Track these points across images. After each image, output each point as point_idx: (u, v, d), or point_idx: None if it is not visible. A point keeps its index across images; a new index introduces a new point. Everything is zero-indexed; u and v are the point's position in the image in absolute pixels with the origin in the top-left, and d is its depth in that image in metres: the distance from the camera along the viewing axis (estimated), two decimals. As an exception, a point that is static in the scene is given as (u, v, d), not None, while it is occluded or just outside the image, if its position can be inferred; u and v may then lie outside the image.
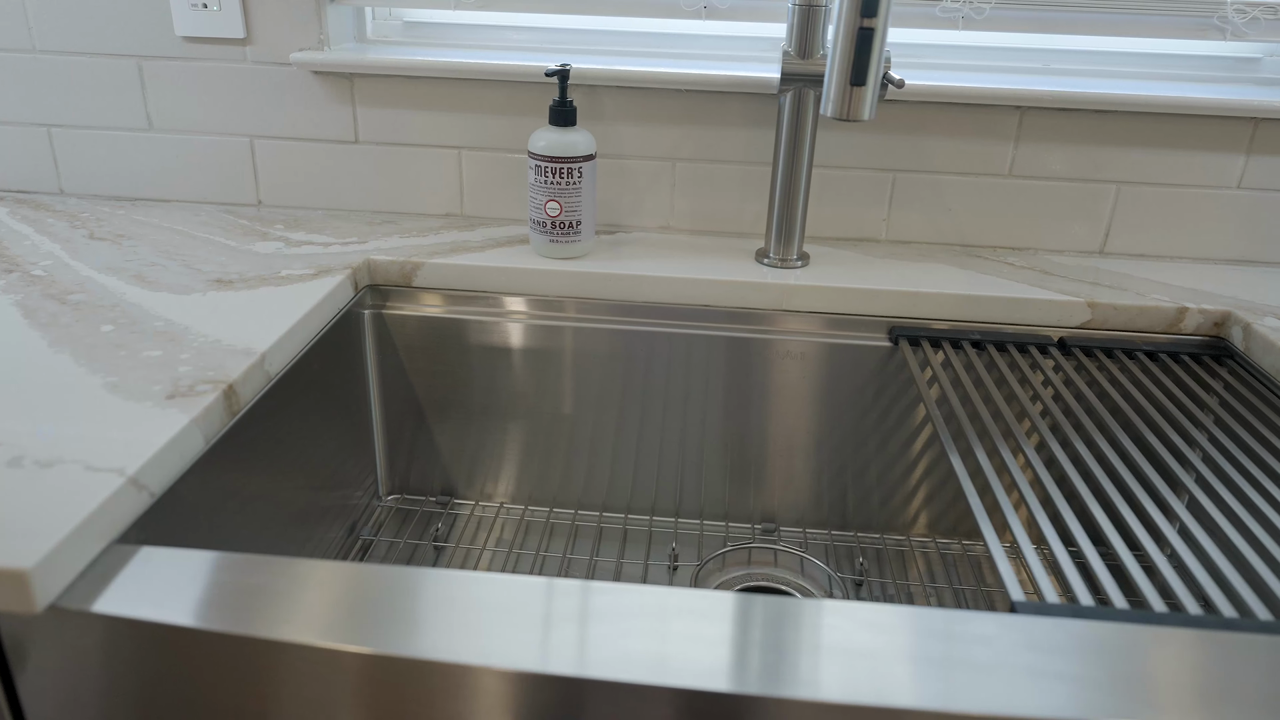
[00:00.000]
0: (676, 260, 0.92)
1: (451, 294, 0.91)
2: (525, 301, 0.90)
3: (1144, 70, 0.98)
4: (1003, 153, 0.95)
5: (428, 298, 0.91)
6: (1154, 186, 0.96)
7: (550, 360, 0.92)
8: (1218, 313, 0.85)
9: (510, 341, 0.91)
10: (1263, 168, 0.94)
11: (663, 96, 0.95)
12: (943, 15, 0.90)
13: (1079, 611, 0.49)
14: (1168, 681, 0.44)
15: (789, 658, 0.44)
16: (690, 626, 0.46)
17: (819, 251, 0.97)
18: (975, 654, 0.45)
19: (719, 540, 0.96)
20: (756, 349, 0.90)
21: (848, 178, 0.98)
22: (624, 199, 1.00)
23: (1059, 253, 0.99)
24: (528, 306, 0.90)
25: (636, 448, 0.95)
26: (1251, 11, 0.88)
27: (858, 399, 0.91)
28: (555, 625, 0.46)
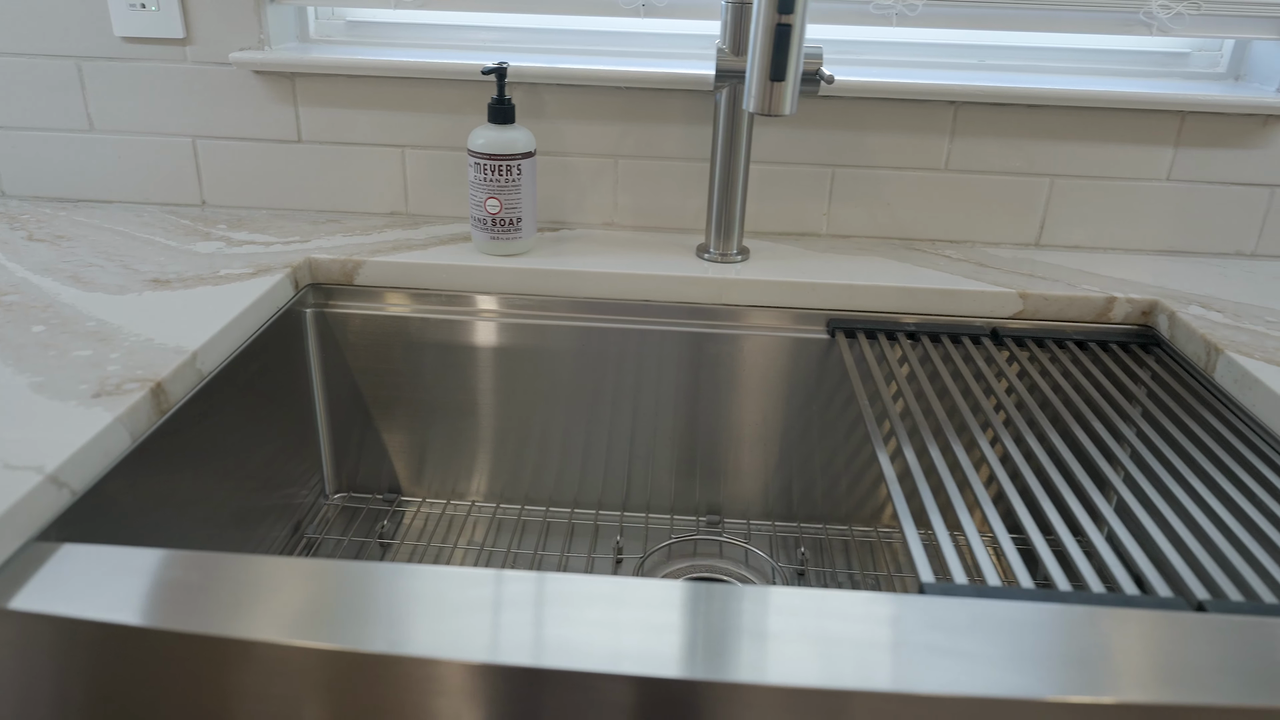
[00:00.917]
0: (618, 256, 0.93)
1: (394, 292, 0.91)
2: (467, 299, 0.90)
3: (1076, 65, 1.00)
4: (939, 147, 0.97)
5: (371, 296, 0.91)
6: (1086, 179, 0.98)
7: (494, 357, 0.92)
8: (1145, 302, 0.87)
9: (453, 339, 0.92)
10: (1190, 160, 0.96)
11: (603, 94, 0.96)
12: (876, 12, 0.92)
13: (983, 592, 0.51)
14: (1062, 657, 0.45)
15: (714, 642, 0.45)
16: (641, 615, 0.47)
17: (760, 246, 0.98)
18: (879, 634, 0.46)
19: (664, 533, 0.97)
20: (697, 343, 0.91)
21: (788, 173, 0.99)
22: (567, 196, 1.01)
23: (996, 245, 1.01)
24: (470, 304, 0.91)
25: (582, 442, 0.96)
26: (1175, 7, 0.90)
27: (798, 391, 0.92)
28: (511, 616, 0.47)
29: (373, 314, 0.91)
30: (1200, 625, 0.48)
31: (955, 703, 0.43)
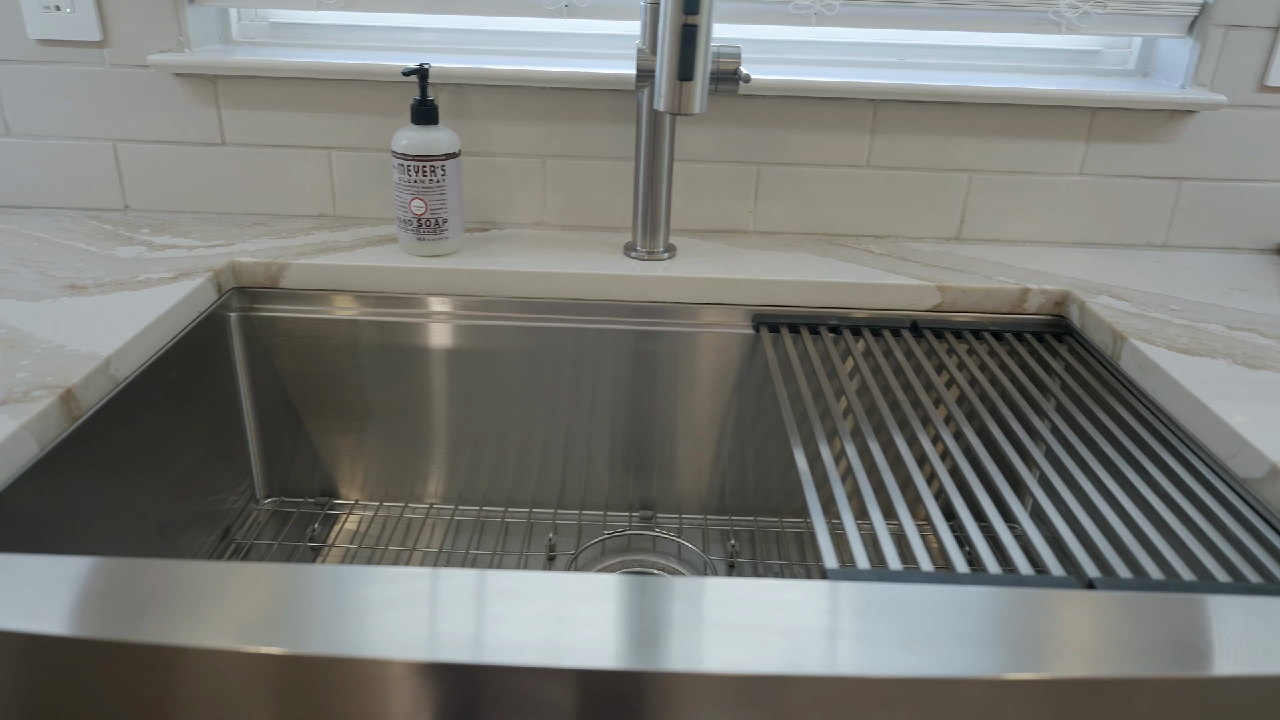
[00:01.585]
0: (545, 255, 0.94)
1: (322, 294, 0.91)
2: (395, 300, 0.90)
3: (993, 63, 1.02)
4: (860, 144, 0.99)
5: (298, 299, 0.91)
6: (1004, 174, 1.00)
7: (424, 357, 0.92)
8: (1057, 292, 0.90)
9: (382, 340, 0.91)
10: (1102, 154, 0.99)
11: (529, 94, 0.97)
12: (795, 12, 0.93)
13: (884, 575, 0.52)
14: (954, 637, 0.47)
15: (631, 632, 0.46)
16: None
17: (688, 243, 0.99)
18: (776, 619, 0.48)
19: (598, 530, 0.97)
20: (626, 340, 0.92)
21: (715, 171, 1.00)
22: (496, 196, 1.01)
23: (918, 239, 1.03)
24: (399, 305, 0.91)
25: (514, 441, 0.96)
26: (1082, 6, 0.93)
27: (727, 386, 0.93)
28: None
29: (300, 317, 0.91)
30: (1089, 602, 0.50)
31: (848, 683, 0.44)
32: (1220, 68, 0.95)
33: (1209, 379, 0.70)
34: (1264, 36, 0.93)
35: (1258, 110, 0.97)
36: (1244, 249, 1.04)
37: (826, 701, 0.45)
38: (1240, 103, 0.96)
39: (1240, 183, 1.00)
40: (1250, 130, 0.98)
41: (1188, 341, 0.78)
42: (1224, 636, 0.48)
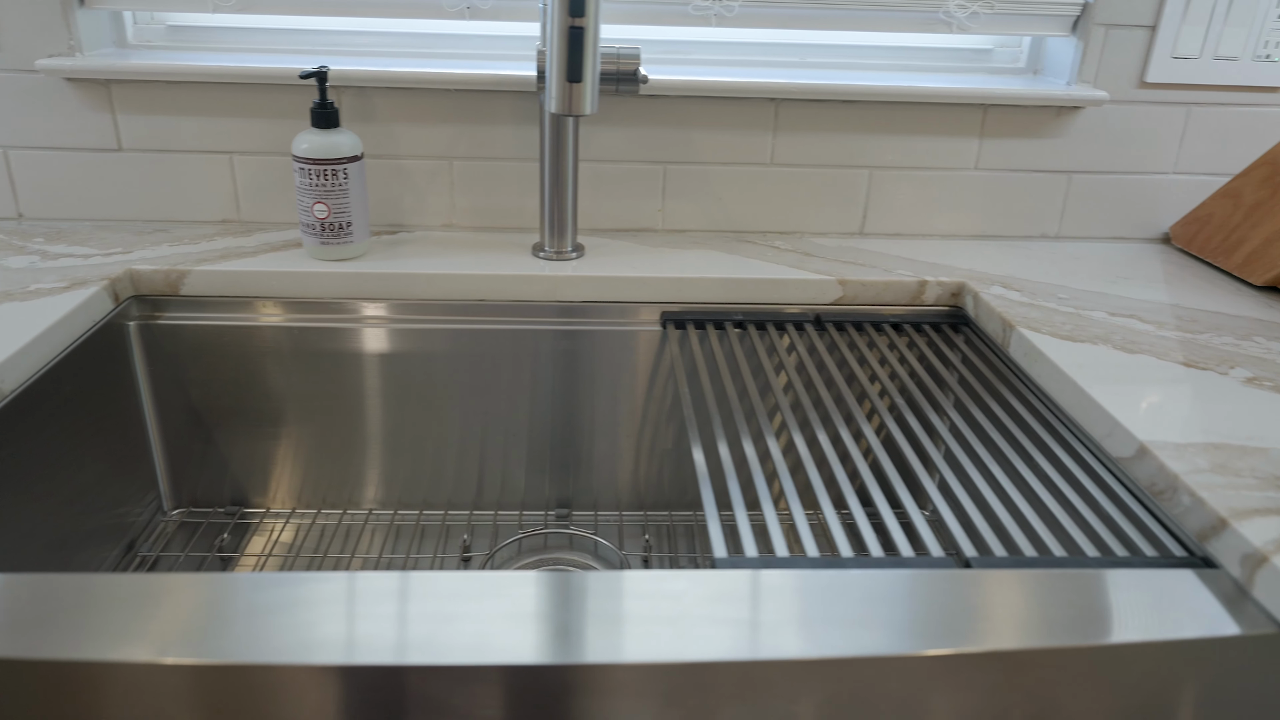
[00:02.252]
0: (454, 257, 0.94)
1: (225, 301, 0.89)
2: (302, 305, 0.90)
3: (891, 62, 1.05)
4: (763, 143, 1.01)
5: (201, 306, 0.89)
6: (903, 170, 1.03)
7: (334, 362, 0.92)
8: (953, 284, 0.93)
9: (290, 346, 0.91)
10: (995, 150, 1.02)
11: (434, 96, 0.97)
12: (695, 13, 0.95)
13: (770, 562, 0.54)
14: (834, 618, 0.48)
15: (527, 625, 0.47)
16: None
17: (597, 243, 1.00)
18: (663, 609, 0.49)
19: (514, 530, 0.98)
20: (538, 340, 0.92)
21: (622, 171, 1.01)
22: (405, 199, 1.01)
23: (823, 235, 1.06)
24: (305, 310, 0.90)
25: (428, 443, 0.96)
26: (971, 6, 0.96)
27: (638, 383, 0.95)
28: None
29: (204, 324, 0.89)
30: (964, 580, 0.52)
31: (727, 667, 0.46)
32: (1103, 65, 0.99)
33: (1088, 364, 0.74)
34: (1142, 35, 0.98)
35: (1139, 105, 1.01)
36: (1131, 239, 1.08)
37: (700, 687, 0.46)
38: (1123, 98, 1.01)
39: (1126, 175, 1.05)
40: (1133, 125, 1.02)
41: (1071, 329, 0.81)
42: (1084, 608, 0.50)
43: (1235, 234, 0.94)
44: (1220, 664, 0.50)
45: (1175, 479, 0.58)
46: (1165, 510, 0.60)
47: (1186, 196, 1.06)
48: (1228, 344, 0.79)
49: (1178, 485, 0.58)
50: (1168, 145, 1.03)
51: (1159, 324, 0.83)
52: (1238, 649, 0.50)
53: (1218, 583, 0.53)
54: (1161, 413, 0.66)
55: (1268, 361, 0.75)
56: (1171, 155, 1.04)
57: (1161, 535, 0.59)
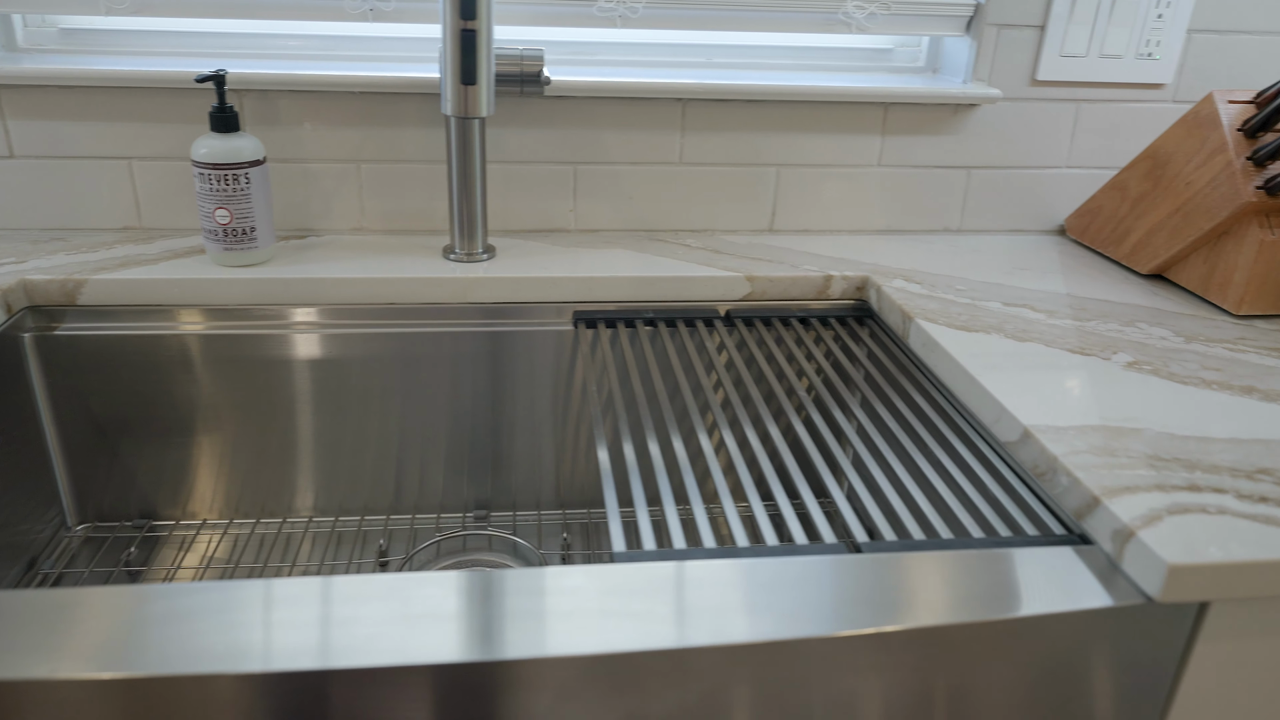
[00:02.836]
0: (362, 260, 0.93)
1: (126, 310, 0.87)
2: (206, 312, 0.88)
3: (795, 62, 1.07)
4: (672, 142, 1.02)
5: (101, 315, 0.87)
6: (809, 167, 1.05)
7: (243, 369, 0.90)
8: (858, 278, 0.95)
9: (196, 354, 0.89)
10: (896, 146, 1.05)
11: (339, 99, 0.96)
12: (600, 15, 0.96)
13: (667, 554, 0.55)
14: (726, 606, 0.50)
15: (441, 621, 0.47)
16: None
17: (509, 244, 1.00)
18: (559, 604, 0.49)
19: (432, 533, 0.97)
20: (450, 342, 0.92)
21: (533, 171, 1.02)
22: (312, 203, 1.00)
23: (733, 232, 1.07)
24: (210, 317, 0.88)
25: (342, 448, 0.95)
26: (869, 7, 0.98)
27: (553, 382, 0.95)
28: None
29: (104, 334, 0.87)
30: (854, 564, 0.54)
31: (623, 659, 0.47)
32: (996, 64, 1.02)
33: (980, 353, 0.76)
34: (1031, 35, 1.01)
35: (1032, 103, 1.05)
36: (1029, 231, 1.12)
37: (591, 679, 0.47)
38: (1016, 96, 1.04)
39: (1022, 170, 1.08)
40: (1027, 121, 1.06)
41: (967, 319, 0.84)
42: (963, 587, 0.52)
43: (1123, 225, 0.98)
44: (1093, 635, 0.53)
45: (1055, 460, 0.61)
46: (1047, 491, 0.62)
47: (1079, 189, 1.10)
48: (1113, 330, 0.82)
49: (1057, 466, 0.61)
50: (1060, 140, 1.07)
51: (1050, 312, 0.86)
52: (1109, 620, 0.53)
53: (1092, 558, 0.56)
54: (1046, 398, 0.69)
55: (1148, 346, 0.79)
56: (1064, 150, 1.08)
57: (1044, 515, 0.61)
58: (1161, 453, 0.62)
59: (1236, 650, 0.55)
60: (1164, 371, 0.74)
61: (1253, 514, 0.55)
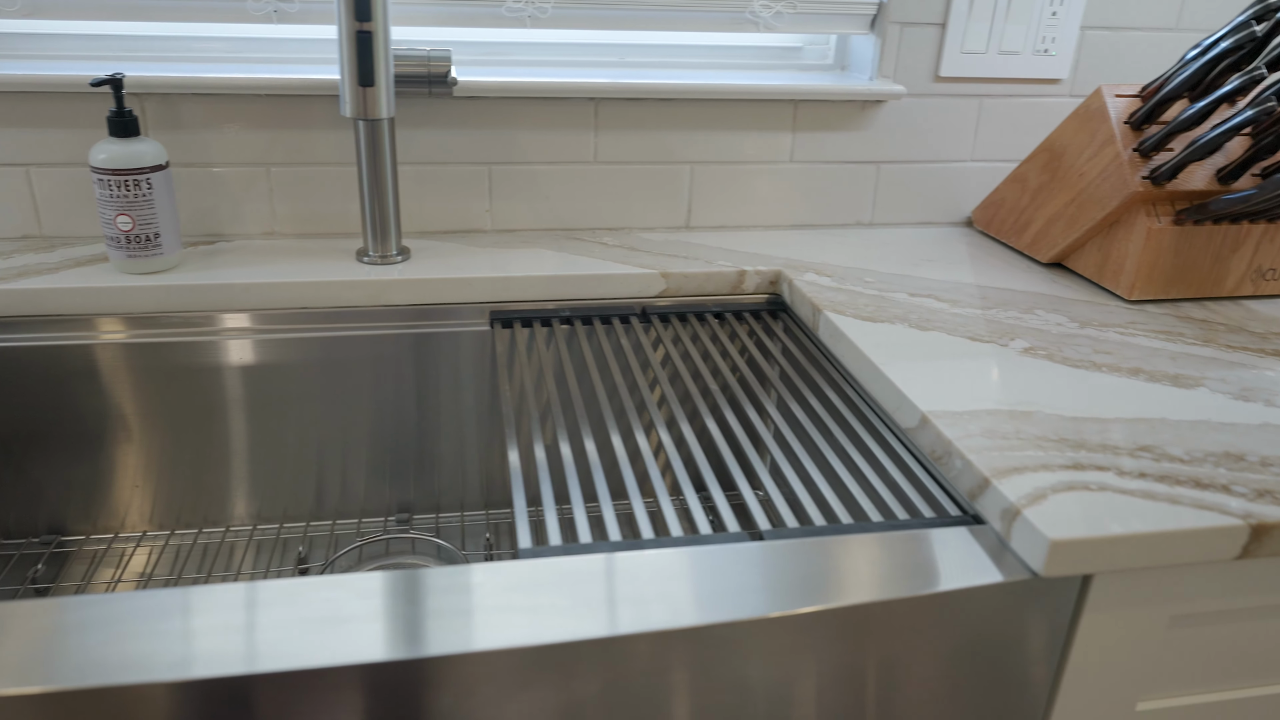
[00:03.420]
0: (274, 265, 0.92)
1: (28, 321, 0.85)
2: (112, 321, 0.86)
3: (708, 61, 1.09)
4: (586, 141, 1.03)
5: (1, 328, 0.85)
6: (722, 164, 1.07)
7: (154, 378, 0.88)
8: (771, 273, 0.97)
9: (103, 364, 0.87)
10: (807, 143, 1.07)
11: (245, 102, 0.94)
12: (509, 15, 0.96)
13: (571, 549, 0.55)
14: (627, 597, 0.51)
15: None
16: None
17: (424, 245, 1.00)
18: (454, 602, 0.50)
19: (352, 539, 0.97)
20: (366, 346, 0.92)
21: (447, 172, 1.01)
22: (221, 207, 0.98)
23: (651, 230, 1.08)
24: (116, 326, 0.86)
25: (259, 456, 0.94)
26: (775, 6, 1.00)
27: (472, 383, 0.95)
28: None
29: (5, 346, 0.85)
30: (755, 551, 0.55)
31: (521, 653, 0.47)
32: (900, 61, 1.05)
33: (884, 343, 0.78)
34: (933, 32, 1.04)
35: (936, 98, 1.08)
36: (938, 223, 1.15)
37: (491, 675, 0.47)
38: (920, 92, 1.07)
39: (929, 164, 1.11)
40: (931, 116, 1.09)
41: (873, 310, 0.86)
42: (857, 569, 0.54)
43: (1024, 216, 1.02)
44: (985, 609, 0.55)
45: (950, 445, 0.63)
46: (944, 474, 0.64)
47: (984, 182, 1.13)
48: (1012, 317, 0.85)
49: (952, 450, 0.63)
50: (964, 135, 1.10)
51: (953, 302, 0.89)
52: (999, 595, 0.55)
53: (984, 537, 0.58)
54: (944, 385, 0.71)
55: (1044, 332, 0.82)
56: (968, 144, 1.11)
57: (942, 498, 0.63)
58: (1050, 434, 0.64)
59: (1120, 620, 0.58)
60: (1058, 356, 0.77)
61: (1132, 489, 0.58)
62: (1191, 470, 0.60)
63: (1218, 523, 0.55)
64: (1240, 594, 0.59)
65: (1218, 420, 0.67)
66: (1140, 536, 0.54)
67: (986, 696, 0.58)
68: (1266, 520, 0.55)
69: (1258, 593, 0.59)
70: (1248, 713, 0.64)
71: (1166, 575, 0.57)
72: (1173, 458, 0.62)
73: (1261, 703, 0.64)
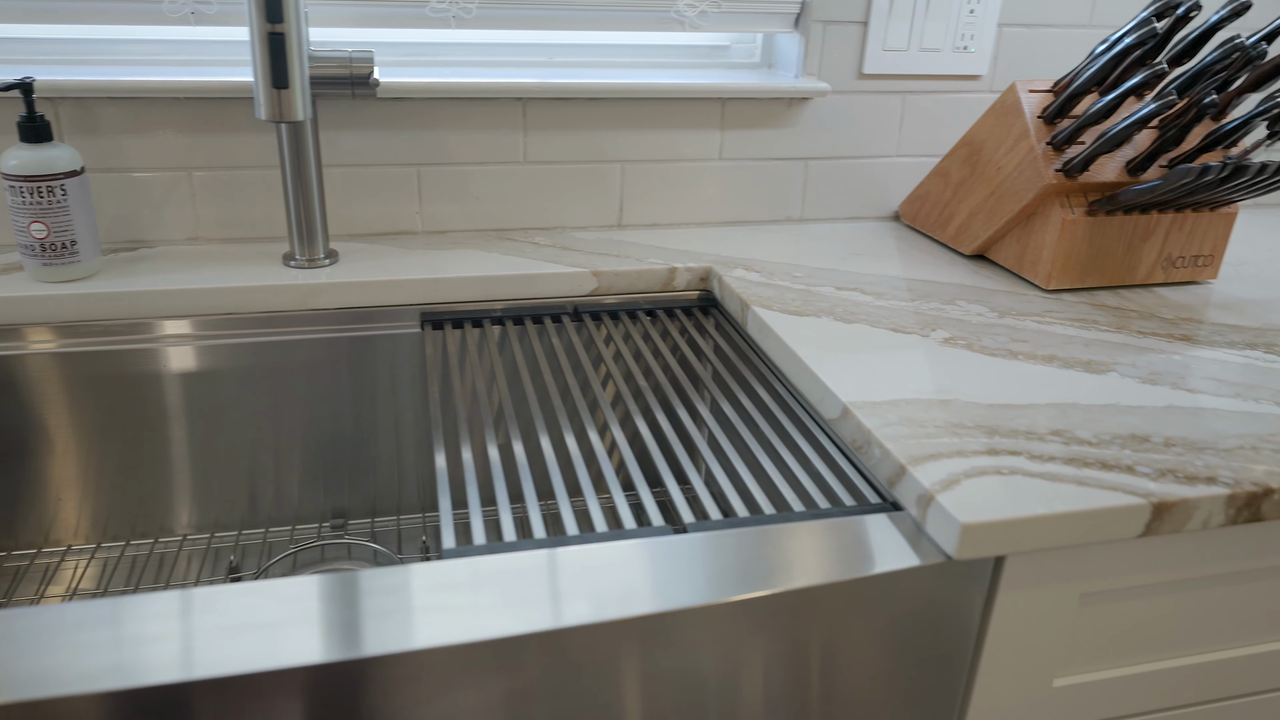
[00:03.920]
0: (198, 271, 0.90)
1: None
2: (29, 331, 0.84)
3: (638, 60, 1.09)
4: (515, 142, 1.03)
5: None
6: (653, 163, 1.08)
7: (74, 389, 0.87)
8: (702, 269, 0.98)
9: (20, 375, 0.85)
10: (736, 140, 1.09)
11: (164, 105, 0.93)
12: (433, 15, 0.96)
13: (495, 548, 0.56)
14: (557, 591, 0.51)
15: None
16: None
17: (354, 248, 0.99)
18: (380, 604, 0.50)
19: (286, 546, 0.96)
20: (297, 351, 0.91)
21: (376, 174, 1.01)
22: (142, 213, 0.96)
23: (582, 229, 1.09)
24: (33, 336, 0.84)
25: (187, 464, 0.93)
26: (700, 6, 1.01)
27: (404, 386, 0.95)
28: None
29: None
30: (678, 544, 0.56)
31: (460, 650, 0.48)
32: (825, 59, 1.07)
33: (810, 337, 0.80)
34: (856, 30, 1.06)
35: (860, 95, 1.10)
36: (867, 218, 1.17)
37: (411, 676, 0.48)
38: (845, 89, 1.09)
39: (856, 159, 1.13)
40: (857, 113, 1.11)
41: (800, 304, 0.87)
42: (774, 558, 0.55)
43: (947, 209, 1.04)
44: (903, 593, 0.56)
45: (870, 434, 0.65)
46: (865, 463, 0.66)
47: (910, 177, 1.16)
48: (934, 309, 0.87)
49: (871, 440, 0.64)
50: (889, 130, 1.12)
51: (878, 295, 0.90)
52: (916, 579, 0.56)
53: (902, 523, 0.59)
54: (866, 376, 0.72)
55: (965, 322, 0.84)
56: (893, 139, 1.13)
57: (863, 486, 0.65)
58: (966, 421, 0.66)
59: (1033, 599, 0.60)
60: (976, 345, 0.79)
61: (1042, 472, 0.60)
62: (1099, 452, 0.62)
63: (1121, 502, 0.57)
64: (1145, 571, 0.61)
65: (1126, 403, 0.69)
66: (1048, 518, 0.56)
67: (914, 676, 0.60)
68: (1167, 499, 0.57)
69: (1161, 569, 0.62)
70: (1157, 685, 0.66)
71: (1075, 555, 0.59)
72: (1082, 441, 0.64)
73: (1169, 675, 0.66)
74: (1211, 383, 0.73)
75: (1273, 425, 0.67)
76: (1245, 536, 0.62)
